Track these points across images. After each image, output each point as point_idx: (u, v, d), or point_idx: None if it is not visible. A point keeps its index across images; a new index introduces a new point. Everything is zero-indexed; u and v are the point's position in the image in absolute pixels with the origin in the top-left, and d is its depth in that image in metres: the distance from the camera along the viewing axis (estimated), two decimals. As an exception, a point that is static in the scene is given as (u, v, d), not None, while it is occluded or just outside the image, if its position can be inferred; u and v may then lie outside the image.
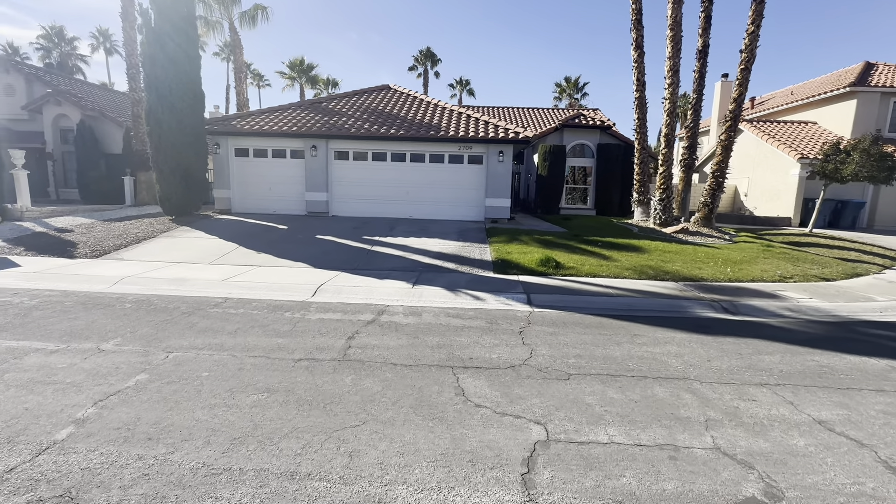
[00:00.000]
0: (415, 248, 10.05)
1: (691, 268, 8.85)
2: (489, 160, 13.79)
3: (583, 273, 8.31)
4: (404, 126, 14.01)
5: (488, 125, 14.15)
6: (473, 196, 14.23)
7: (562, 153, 17.94)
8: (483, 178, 14.07)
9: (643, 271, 8.47)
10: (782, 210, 17.80)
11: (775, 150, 17.88)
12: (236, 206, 14.50)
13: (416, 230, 12.02)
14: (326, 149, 14.02)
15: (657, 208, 13.48)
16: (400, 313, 5.81)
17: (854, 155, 12.61)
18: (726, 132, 13.15)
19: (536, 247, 10.01)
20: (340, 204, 14.46)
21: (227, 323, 5.16)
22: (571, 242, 10.57)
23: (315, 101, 16.16)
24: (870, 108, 17.95)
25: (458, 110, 15.43)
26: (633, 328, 5.44)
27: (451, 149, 13.97)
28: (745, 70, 12.60)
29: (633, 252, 9.90)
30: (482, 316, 5.78)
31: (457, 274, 8.17)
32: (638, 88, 14.66)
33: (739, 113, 12.92)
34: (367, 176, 14.31)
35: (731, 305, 6.72)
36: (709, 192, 13.54)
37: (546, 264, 8.57)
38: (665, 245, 10.71)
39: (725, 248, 10.96)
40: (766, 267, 9.23)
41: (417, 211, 14.33)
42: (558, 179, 18.10)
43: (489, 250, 9.84)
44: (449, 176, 14.19)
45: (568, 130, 18.70)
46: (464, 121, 14.53)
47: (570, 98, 39.55)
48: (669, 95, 13.09)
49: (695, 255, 9.80)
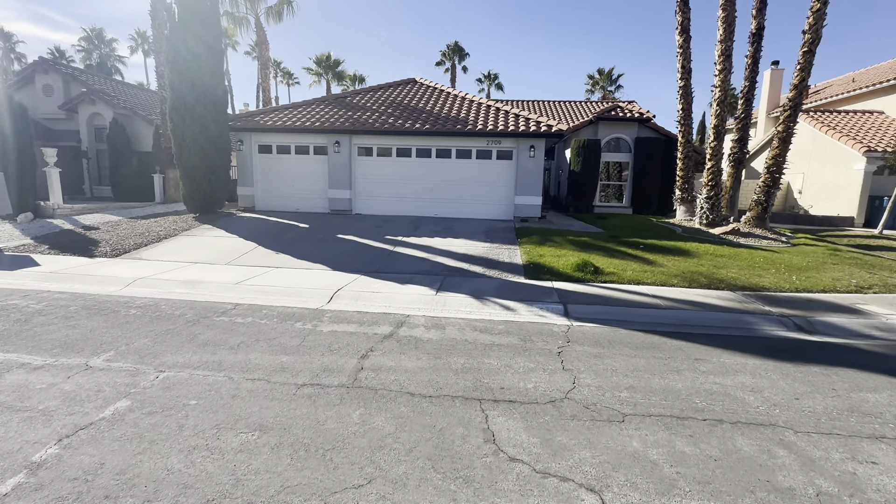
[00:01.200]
0: (439, 249, 9.43)
1: (749, 275, 7.85)
2: (519, 155, 13.00)
3: (625, 280, 7.47)
4: (430, 120, 13.39)
5: (518, 118, 13.35)
6: (502, 193, 13.48)
7: (596, 147, 16.91)
8: (512, 175, 13.30)
9: (693, 279, 7.55)
10: (843, 209, 16.17)
11: (836, 142, 16.25)
12: (260, 204, 14.27)
13: (440, 230, 11.40)
14: (350, 144, 13.57)
15: (704, 207, 12.34)
16: (421, 326, 5.20)
17: (937, 147, 11.11)
18: (784, 122, 11.87)
19: (571, 249, 9.20)
20: (363, 201, 14.01)
21: (231, 335, 4.69)
22: (609, 244, 9.69)
23: (339, 97, 15.77)
24: (949, 94, 16.04)
25: (487, 103, 14.68)
26: (693, 350, 4.63)
27: (478, 144, 13.26)
28: (808, 53, 11.30)
29: (680, 256, 8.95)
30: (514, 331, 5.09)
31: (484, 279, 7.49)
32: (683, 76, 13.50)
33: (801, 101, 11.63)
34: (391, 172, 13.78)
35: (806, 322, 5.77)
36: (763, 189, 12.30)
37: (583, 269, 7.77)
38: (715, 248, 9.68)
39: (785, 252, 9.81)
40: (838, 275, 8.11)
41: (443, 209, 13.71)
42: (592, 176, 17.08)
43: (519, 252, 9.10)
44: (476, 172, 13.49)
45: (603, 124, 17.62)
46: (492, 114, 13.78)
47: (604, 91, 37.94)
48: (720, 83, 11.90)
49: (751, 261, 8.76)
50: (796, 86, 11.59)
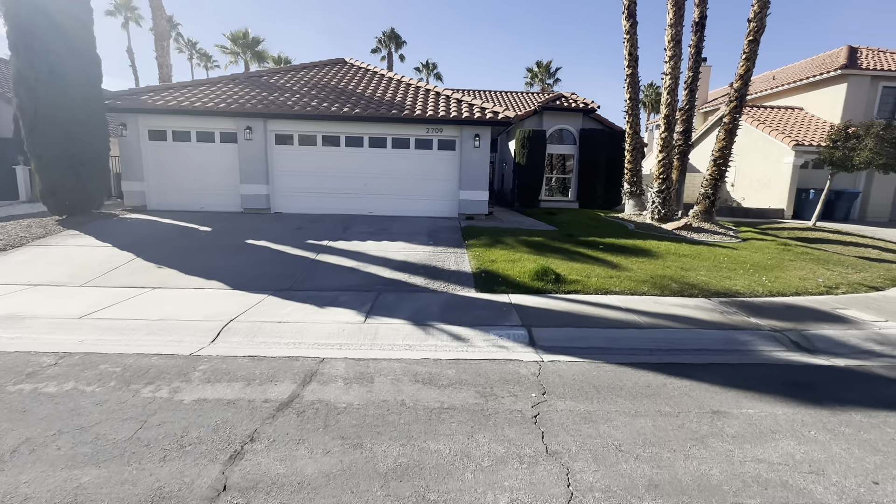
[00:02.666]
0: (373, 255, 7.85)
1: (719, 278, 7.11)
2: (463, 145, 11.67)
3: (591, 288, 6.39)
4: (361, 104, 11.65)
5: (461, 104, 12.00)
6: (445, 188, 12.09)
7: (542, 139, 16.05)
8: (456, 167, 11.95)
9: (664, 284, 6.64)
10: (774, 201, 16.68)
11: (766, 136, 16.68)
12: (153, 202, 11.74)
13: (375, 230, 9.78)
14: (265, 131, 11.47)
15: (655, 201, 11.80)
16: (339, 379, 3.66)
17: (868, 140, 11.35)
18: (731, 113, 11.58)
19: (526, 251, 8.03)
20: (284, 199, 11.98)
21: (16, 424, 2.86)
22: (566, 245, 8.65)
23: (252, 75, 13.47)
24: (860, 92, 17.01)
25: (426, 87, 13.18)
26: (703, 395, 3.52)
27: (417, 131, 11.74)
28: (752, 42, 11.01)
29: (643, 257, 8.10)
30: (469, 379, 3.71)
31: (427, 295, 6.06)
32: (630, 64, 12.88)
33: (746, 92, 11.37)
34: (317, 164, 11.88)
35: (801, 338, 4.97)
36: (710, 183, 11.99)
37: (543, 277, 6.59)
38: (674, 246, 8.99)
39: (741, 249, 9.36)
40: (801, 273, 7.64)
41: (378, 206, 12.07)
42: (538, 169, 16.21)
43: (467, 258, 7.77)
44: (415, 164, 11.98)
45: (548, 114, 16.81)
46: (432, 99, 12.32)
47: (543, 84, 37.84)
48: (671, 70, 11.35)
49: (715, 260, 8.10)
50: (742, 76, 11.30)
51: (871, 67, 16.91)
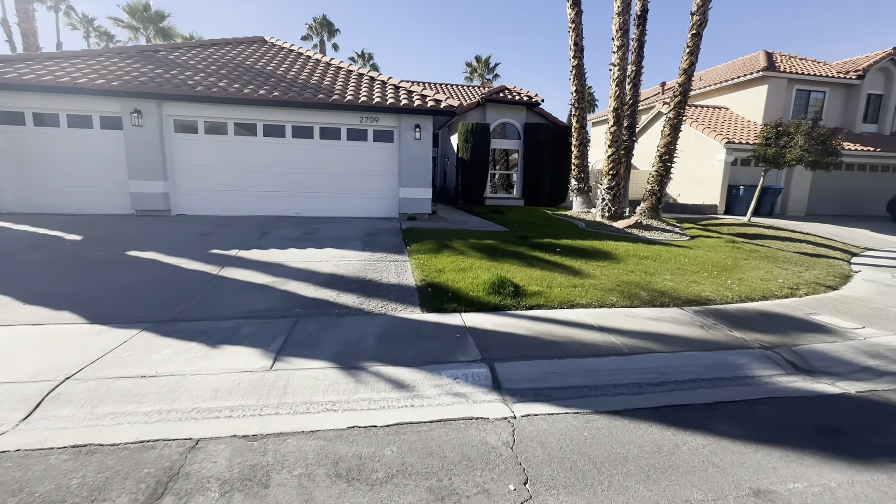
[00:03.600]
0: (294, 267, 6.41)
1: (685, 282, 6.54)
2: (402, 137, 10.42)
3: (555, 301, 5.48)
4: (281, 86, 9.99)
5: (399, 91, 10.73)
6: (383, 185, 10.78)
7: (486, 133, 15.21)
8: (395, 161, 10.67)
9: (632, 293, 5.91)
10: (707, 197, 17.17)
11: (700, 134, 17.11)
12: (9, 202, 9.28)
13: (300, 235, 8.28)
14: (159, 115, 9.45)
15: (605, 198, 11.34)
16: (214, 485, 2.34)
17: (798, 138, 11.66)
18: (675, 108, 11.38)
19: (477, 257, 7.00)
20: (189, 198, 10.03)
21: None
22: (521, 248, 7.74)
23: (145, 49, 11.23)
24: (778, 93, 18.00)
25: (359, 71, 11.74)
26: (729, 460, 2.65)
27: (349, 120, 10.31)
28: (696, 35, 10.83)
29: (603, 260, 7.39)
30: (416, 463, 2.55)
31: (361, 320, 4.80)
32: (576, 54, 12.33)
33: (690, 87, 11.20)
34: (230, 157, 10.05)
35: (794, 355, 4.36)
36: (656, 179, 11.76)
37: (500, 290, 5.58)
38: (632, 247, 8.42)
39: (696, 248, 9.03)
40: (760, 274, 7.32)
41: (306, 206, 10.50)
42: (483, 164, 15.36)
43: (410, 267, 6.58)
44: (348, 157, 10.54)
45: (491, 107, 16.01)
46: (366, 84, 10.92)
47: (483, 79, 37.36)
48: (619, 60, 10.87)
49: (675, 262, 7.59)
50: (685, 70, 11.11)
51: (788, 71, 17.95)
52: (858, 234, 13.77)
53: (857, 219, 17.29)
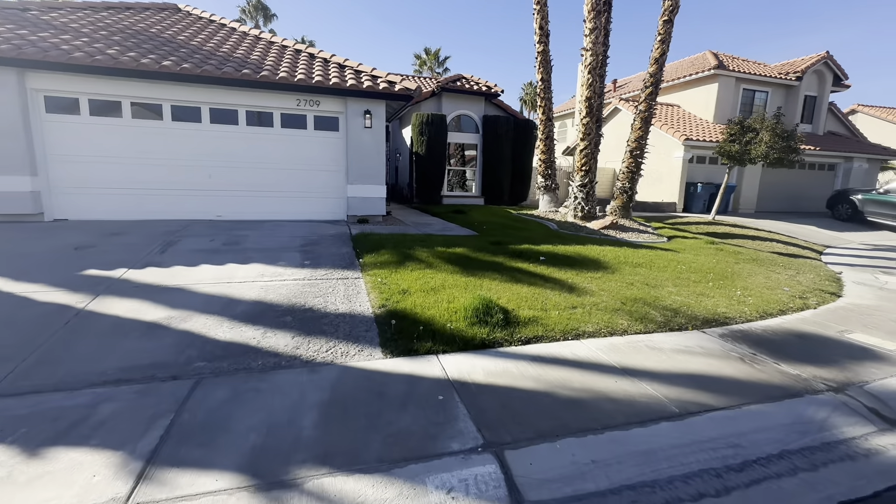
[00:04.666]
0: (204, 293, 4.69)
1: (692, 294, 5.58)
2: (349, 125, 8.80)
3: (557, 330, 4.25)
4: (195, 58, 8.02)
5: (345, 70, 9.08)
6: (327, 181, 9.10)
7: (443, 125, 13.86)
8: (341, 153, 9.03)
9: (642, 312, 4.83)
10: (665, 195, 16.97)
11: (658, 131, 16.82)
12: None
13: (219, 246, 6.48)
14: (22, 89, 7.19)
15: (578, 197, 10.39)
16: None
17: (764, 135, 11.40)
18: (646, 101, 10.68)
19: (449, 271, 5.63)
20: (71, 198, 7.80)
21: None
22: (498, 258, 6.47)
23: (8, 6, 8.70)
24: (728, 92, 18.22)
25: (296, 47, 9.91)
26: None
27: (284, 103, 8.53)
28: (667, 22, 10.15)
29: (593, 270, 6.29)
30: None
31: (295, 377, 3.26)
32: (541, 39, 11.30)
33: (661, 77, 10.53)
34: (126, 145, 7.93)
35: (873, 399, 3.41)
36: (627, 176, 11.02)
37: (486, 317, 4.25)
38: (620, 253, 7.43)
39: (681, 251, 8.25)
40: (761, 281, 6.57)
41: (230, 207, 8.60)
42: (439, 159, 14.01)
43: (365, 288, 5.09)
44: (283, 148, 8.75)
45: (447, 97, 14.68)
46: (304, 61, 9.16)
47: (432, 72, 36.01)
48: (591, 45, 9.91)
49: (671, 269, 6.67)
50: (657, 59, 10.42)
51: (736, 70, 18.20)
52: (810, 230, 13.97)
53: (800, 215, 17.88)
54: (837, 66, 19.57)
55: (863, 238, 13.61)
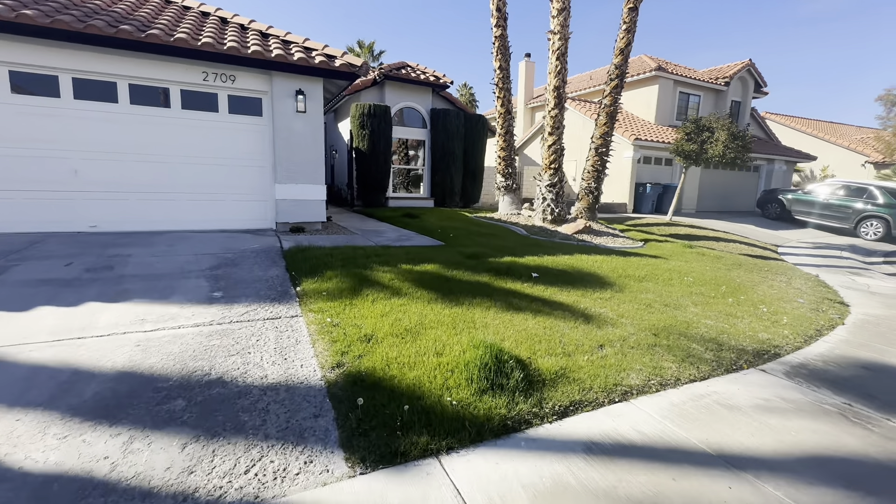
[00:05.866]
0: (30, 363, 2.78)
1: (720, 316, 4.61)
2: (277, 108, 6.95)
3: (594, 388, 2.97)
4: (49, 5, 5.73)
5: (268, 39, 7.19)
6: (248, 180, 7.17)
7: (387, 117, 12.26)
8: (267, 144, 7.15)
9: (682, 347, 3.73)
10: (616, 195, 16.73)
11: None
12: None
13: (78, 274, 4.42)
14: None
15: (547, 199, 9.33)
16: None
17: (720, 134, 11.21)
18: (611, 94, 9.92)
19: (425, 299, 4.14)
20: None
21: None
22: (482, 277, 5.07)
23: None
24: (667, 94, 18.53)
25: (202, 9, 7.77)
26: None
27: (186, 76, 6.49)
28: (632, 10, 9.45)
29: (598, 288, 5.13)
30: None
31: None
32: (499, 22, 10.15)
33: (626, 69, 9.83)
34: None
35: None
36: (592, 175, 10.21)
37: (500, 379, 2.85)
38: (612, 263, 6.39)
39: (669, 258, 7.46)
40: (770, 292, 5.85)
41: (109, 214, 6.38)
42: (384, 156, 12.39)
43: (307, 333, 3.44)
44: (186, 135, 6.69)
45: (391, 86, 13.09)
46: (213, 25, 7.11)
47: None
48: (559, 27, 8.87)
49: (677, 283, 5.72)
50: (622, 49, 9.70)
51: (673, 73, 18.55)
52: (751, 229, 14.28)
53: (734, 214, 18.61)
54: (758, 73, 20.79)
55: (799, 236, 14.15)
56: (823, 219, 15.67)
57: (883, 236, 14.00)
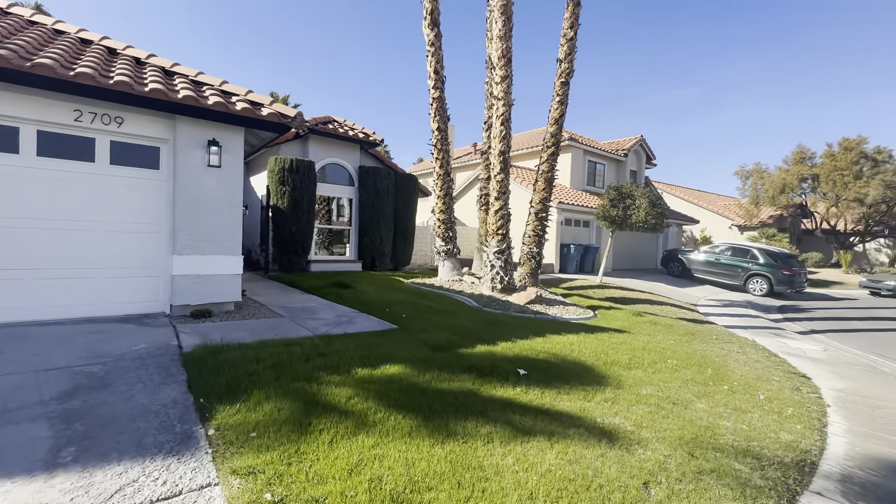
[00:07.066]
0: None
1: (730, 411, 4.10)
2: (181, 161, 5.50)
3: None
4: None
5: (173, 77, 5.83)
6: (132, 249, 5.45)
7: (311, 172, 11.09)
8: (164, 204, 5.57)
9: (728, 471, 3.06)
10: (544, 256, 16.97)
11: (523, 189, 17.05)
12: None
13: None
14: None
15: (496, 266, 8.71)
16: None
17: (642, 201, 11.91)
18: (548, 161, 10.02)
19: (402, 435, 2.97)
20: None
21: None
22: (462, 381, 4.01)
23: None
24: (578, 162, 20.02)
25: (82, 35, 6.17)
26: None
27: (50, 113, 4.84)
28: (564, 84, 9.83)
29: (594, 385, 4.37)
30: None
31: None
32: (436, 84, 9.89)
33: (561, 137, 10.04)
34: None
35: None
36: (533, 240, 9.99)
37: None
38: (586, 344, 5.77)
39: (629, 331, 7.11)
40: (746, 370, 5.64)
41: None
42: (308, 215, 11.06)
43: (233, 526, 2.08)
44: (42, 190, 4.90)
45: (316, 141, 12.05)
46: (96, 55, 5.57)
47: (279, 119, 32.43)
48: (503, 94, 8.75)
49: (664, 367, 5.22)
50: (557, 119, 9.94)
51: (583, 143, 20.23)
52: (665, 288, 15.23)
53: (643, 272, 20.04)
54: (648, 147, 23.66)
55: (703, 293, 15.39)
56: (718, 276, 17.42)
57: (767, 292, 15.80)
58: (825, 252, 27.60)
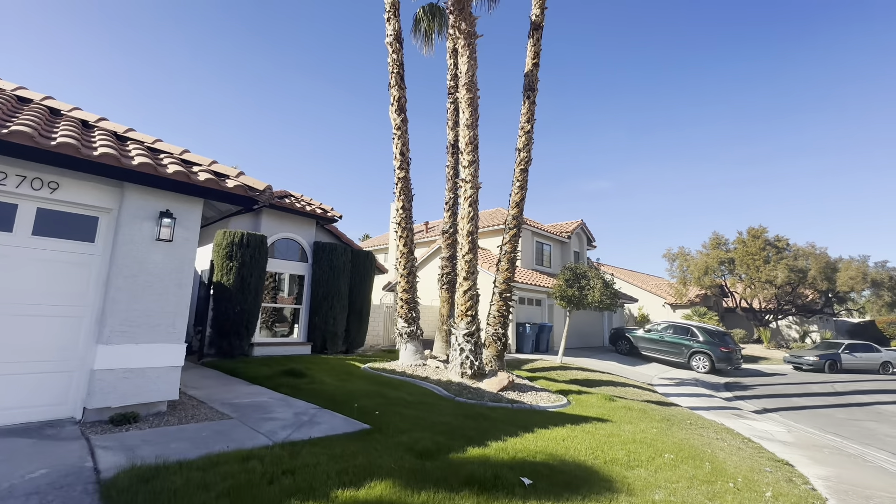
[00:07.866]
0: None
1: (747, 517, 3.76)
2: (125, 233, 4.77)
3: None
4: None
5: (126, 143, 5.27)
6: (40, 337, 4.43)
7: (262, 248, 10.38)
8: (92, 282, 4.71)
9: None
10: (498, 335, 16.71)
11: (485, 271, 17.20)
12: None
13: None
14: None
15: (465, 350, 8.23)
16: None
17: (596, 282, 12.31)
18: (511, 242, 10.19)
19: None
20: None
21: None
22: (458, 499, 3.40)
23: None
24: (528, 242, 20.85)
25: (23, 93, 5.52)
26: None
27: (-41, 177, 4.05)
28: (524, 171, 10.37)
29: (603, 494, 3.90)
30: None
31: None
32: (402, 166, 10.03)
33: (522, 219, 10.35)
34: None
35: None
36: (499, 320, 9.77)
37: None
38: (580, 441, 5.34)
39: (611, 420, 6.79)
40: (735, 461, 5.44)
41: None
42: (256, 294, 10.13)
43: None
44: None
45: (269, 215, 11.48)
46: (37, 113, 4.91)
47: (223, 191, 31.37)
48: (471, 178, 8.94)
49: (663, 465, 4.88)
50: (517, 203, 10.32)
51: (531, 225, 21.30)
52: (618, 367, 15.40)
53: (593, 350, 20.33)
54: (588, 231, 25.39)
55: (654, 371, 15.70)
56: (663, 354, 18.02)
57: (710, 369, 16.47)
58: (747, 329, 29.99)
